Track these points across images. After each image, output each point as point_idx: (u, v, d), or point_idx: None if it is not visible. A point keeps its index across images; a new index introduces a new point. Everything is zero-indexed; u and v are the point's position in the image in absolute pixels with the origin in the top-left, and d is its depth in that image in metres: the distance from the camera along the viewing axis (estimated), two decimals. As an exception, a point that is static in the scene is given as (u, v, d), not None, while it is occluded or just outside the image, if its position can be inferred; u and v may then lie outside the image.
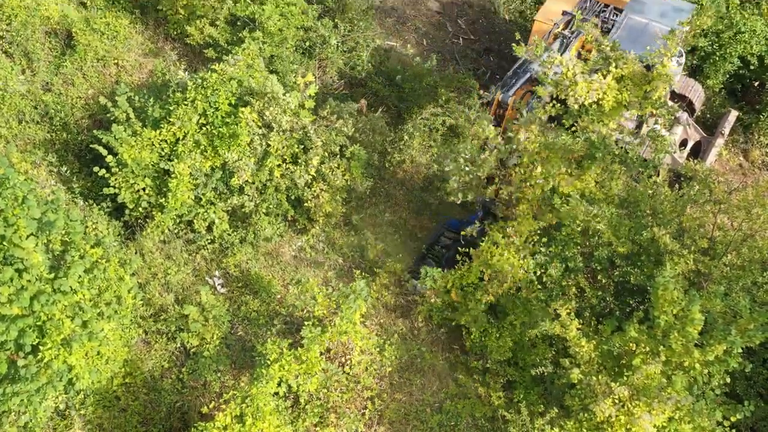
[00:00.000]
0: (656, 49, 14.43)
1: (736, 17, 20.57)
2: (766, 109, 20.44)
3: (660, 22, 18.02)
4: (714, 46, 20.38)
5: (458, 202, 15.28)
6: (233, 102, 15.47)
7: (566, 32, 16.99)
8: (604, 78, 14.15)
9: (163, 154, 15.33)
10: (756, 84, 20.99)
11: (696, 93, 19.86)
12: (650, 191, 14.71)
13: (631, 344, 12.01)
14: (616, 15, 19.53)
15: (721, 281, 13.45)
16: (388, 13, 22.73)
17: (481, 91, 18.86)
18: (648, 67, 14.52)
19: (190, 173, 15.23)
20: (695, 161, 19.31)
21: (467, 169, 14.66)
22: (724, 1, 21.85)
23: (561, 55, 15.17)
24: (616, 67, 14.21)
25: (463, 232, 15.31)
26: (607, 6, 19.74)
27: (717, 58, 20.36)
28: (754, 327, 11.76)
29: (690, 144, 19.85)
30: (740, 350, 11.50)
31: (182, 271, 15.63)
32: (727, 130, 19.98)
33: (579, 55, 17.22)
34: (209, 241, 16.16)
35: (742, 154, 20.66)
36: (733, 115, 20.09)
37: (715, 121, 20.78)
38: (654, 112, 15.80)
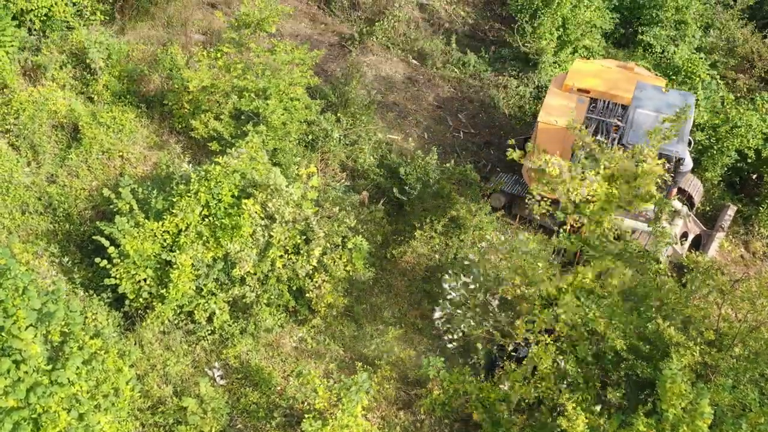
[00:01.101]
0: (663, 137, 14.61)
1: (731, 112, 20.97)
2: (764, 201, 20.59)
3: (667, 113, 18.28)
4: (711, 140, 20.69)
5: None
6: (236, 194, 15.62)
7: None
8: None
9: (165, 245, 15.38)
10: (754, 176, 21.20)
11: (695, 187, 20.03)
12: (656, 283, 14.69)
13: (638, 438, 11.77)
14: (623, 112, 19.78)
15: (729, 373, 13.27)
16: (390, 107, 23.18)
17: (482, 184, 19.10)
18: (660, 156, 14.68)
19: (192, 264, 15.24)
20: (696, 253, 19.37)
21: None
22: (719, 97, 22.36)
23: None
24: (604, 168, 14.27)
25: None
26: (616, 104, 19.91)
27: (714, 152, 20.64)
28: (765, 421, 11.58)
29: (690, 237, 19.92)
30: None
31: (181, 363, 15.44)
32: (727, 224, 20.09)
33: None
34: (209, 331, 16.03)
35: (743, 245, 20.70)
36: (732, 209, 20.24)
37: (714, 214, 20.90)
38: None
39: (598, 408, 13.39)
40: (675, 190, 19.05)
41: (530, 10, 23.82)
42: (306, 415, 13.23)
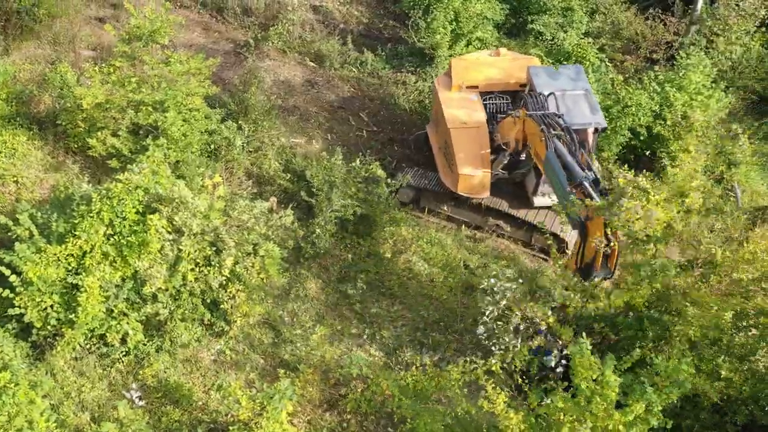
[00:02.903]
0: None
1: (622, 92, 21.75)
2: (658, 175, 21.40)
3: (572, 88, 18.90)
4: (605, 121, 21.40)
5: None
6: (141, 210, 15.29)
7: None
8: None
9: (70, 268, 14.92)
10: (647, 153, 22.02)
11: (594, 168, 20.71)
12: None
13: (558, 414, 12.09)
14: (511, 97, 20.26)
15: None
16: (291, 111, 23.11)
17: (389, 180, 19.27)
18: None
19: (100, 285, 14.84)
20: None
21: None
22: (609, 79, 23.17)
23: None
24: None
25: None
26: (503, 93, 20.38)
27: (609, 132, 21.35)
28: (670, 384, 12.07)
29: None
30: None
31: (97, 388, 15.05)
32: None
33: None
34: (124, 353, 15.65)
35: (642, 219, 21.45)
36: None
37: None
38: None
39: None
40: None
41: (423, 6, 24.15)
42: (230, 427, 13.08)
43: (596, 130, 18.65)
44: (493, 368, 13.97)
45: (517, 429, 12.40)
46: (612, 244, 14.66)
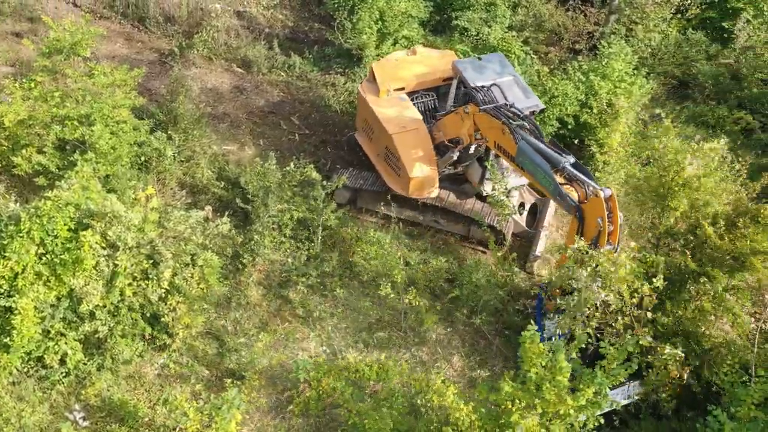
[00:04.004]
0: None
1: (548, 84, 22.15)
2: (588, 163, 21.87)
3: (501, 74, 19.13)
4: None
5: None
6: (73, 227, 14.94)
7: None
8: None
9: (1, 291, 14.49)
10: (576, 141, 22.46)
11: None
12: None
13: (507, 402, 12.26)
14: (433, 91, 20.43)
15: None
16: (221, 118, 22.89)
17: (325, 182, 19.24)
18: None
19: (35, 306, 14.45)
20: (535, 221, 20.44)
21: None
22: (535, 71, 23.57)
23: None
24: None
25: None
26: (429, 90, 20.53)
27: (538, 122, 21.66)
28: (617, 366, 12.38)
29: (527, 206, 20.91)
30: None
31: (38, 412, 14.66)
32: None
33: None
34: (64, 374, 15.27)
35: (575, 207, 21.89)
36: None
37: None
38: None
39: None
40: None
41: (347, 7, 24.18)
42: (179, 441, 12.92)
43: (533, 113, 18.88)
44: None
45: (468, 420, 12.55)
46: (613, 218, 14.90)
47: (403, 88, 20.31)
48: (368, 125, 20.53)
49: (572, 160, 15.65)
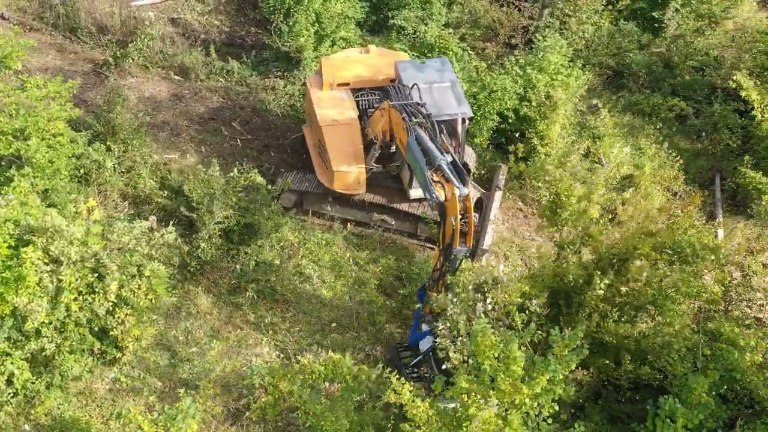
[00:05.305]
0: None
1: (486, 79, 22.38)
2: (530, 156, 22.16)
3: (437, 80, 19.25)
4: (474, 108, 21.96)
5: None
6: (13, 244, 14.57)
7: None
8: None
9: (-59, 314, 14.08)
10: (517, 135, 22.74)
11: (468, 154, 21.22)
12: None
13: (463, 396, 12.33)
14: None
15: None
16: (161, 127, 22.58)
17: (270, 186, 19.14)
18: None
19: (-23, 327, 14.08)
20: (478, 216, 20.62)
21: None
22: (473, 67, 23.81)
23: None
24: None
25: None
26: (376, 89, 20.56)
27: (479, 118, 21.93)
28: (569, 353, 12.54)
29: (473, 201, 21.06)
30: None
31: (-14, 434, 14.29)
32: (502, 183, 21.48)
33: None
34: (11, 394, 14.87)
35: (519, 199, 22.19)
36: (504, 168, 21.64)
37: (489, 176, 22.23)
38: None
39: None
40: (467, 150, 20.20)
41: (283, 10, 24.08)
42: (135, 455, 12.68)
43: (463, 120, 19.09)
44: None
45: (425, 416, 12.58)
46: (468, 220, 15.02)
47: (347, 84, 20.34)
48: (310, 117, 20.67)
49: (449, 159, 15.78)
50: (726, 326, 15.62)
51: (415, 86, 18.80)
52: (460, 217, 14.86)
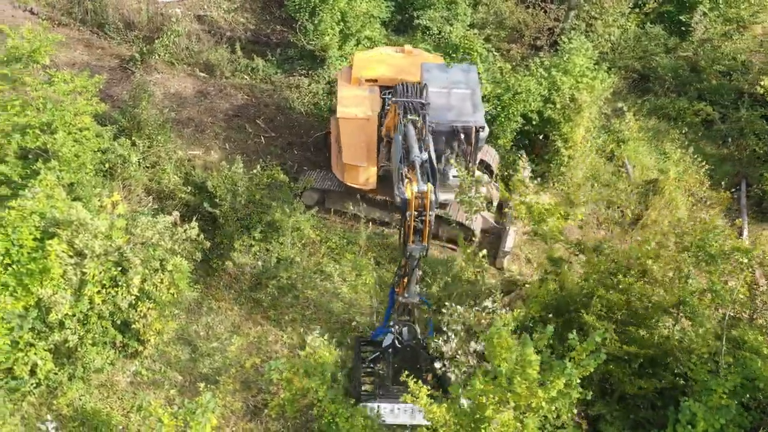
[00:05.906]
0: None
1: (511, 80, 22.31)
2: (553, 158, 22.08)
3: (456, 88, 19.12)
4: (498, 109, 21.91)
5: None
6: (38, 236, 14.75)
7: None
8: None
9: (-33, 303, 14.26)
10: (541, 137, 22.66)
11: (491, 155, 21.16)
12: None
13: (481, 398, 12.29)
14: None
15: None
16: (185, 123, 22.73)
17: (292, 184, 19.20)
18: None
19: (2, 317, 14.24)
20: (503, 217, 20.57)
21: None
22: (498, 68, 23.75)
23: None
24: None
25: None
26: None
27: (503, 120, 21.86)
28: (586, 357, 12.46)
29: (495, 202, 21.05)
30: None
31: (9, 424, 14.42)
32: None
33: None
34: (34, 384, 15.05)
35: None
36: (527, 170, 21.55)
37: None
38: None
39: None
40: (479, 159, 20.04)
41: (308, 8, 24.15)
42: (155, 448, 12.78)
43: (476, 129, 18.88)
44: None
45: (443, 419, 12.54)
46: (423, 218, 14.85)
47: (375, 81, 20.32)
48: (334, 109, 20.66)
49: (425, 157, 15.62)
50: (750, 334, 15.44)
51: (426, 86, 18.69)
52: (416, 214, 14.70)
